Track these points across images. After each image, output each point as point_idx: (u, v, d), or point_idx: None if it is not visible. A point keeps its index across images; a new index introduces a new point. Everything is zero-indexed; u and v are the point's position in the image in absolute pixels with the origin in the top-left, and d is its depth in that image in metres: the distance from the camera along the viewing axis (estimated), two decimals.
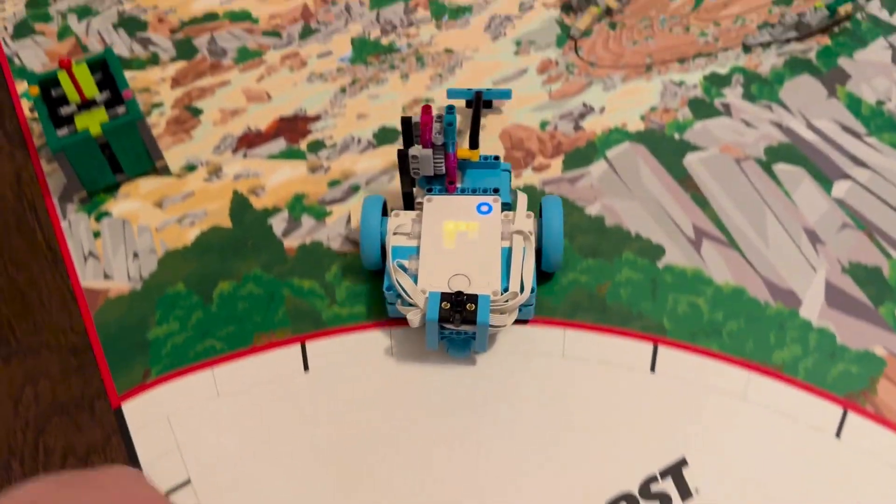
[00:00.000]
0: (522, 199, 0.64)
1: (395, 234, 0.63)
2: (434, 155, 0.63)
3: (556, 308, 0.63)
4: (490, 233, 0.62)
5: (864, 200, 0.69)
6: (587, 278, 0.65)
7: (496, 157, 0.68)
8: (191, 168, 0.74)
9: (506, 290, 0.59)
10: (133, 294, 0.65)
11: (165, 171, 0.73)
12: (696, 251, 0.66)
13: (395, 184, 0.70)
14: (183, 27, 0.86)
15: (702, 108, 0.76)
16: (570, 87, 0.79)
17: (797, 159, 0.71)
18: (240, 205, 0.71)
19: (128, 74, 0.81)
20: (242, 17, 0.87)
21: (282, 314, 0.64)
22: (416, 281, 0.60)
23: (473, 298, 0.57)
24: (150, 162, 0.72)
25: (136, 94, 0.79)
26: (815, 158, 0.71)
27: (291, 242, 0.68)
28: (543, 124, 0.75)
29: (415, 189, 0.66)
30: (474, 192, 0.65)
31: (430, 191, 0.65)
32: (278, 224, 0.69)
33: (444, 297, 0.57)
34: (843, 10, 0.80)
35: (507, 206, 0.65)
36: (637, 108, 0.76)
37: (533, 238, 0.62)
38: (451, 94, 0.78)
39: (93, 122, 0.69)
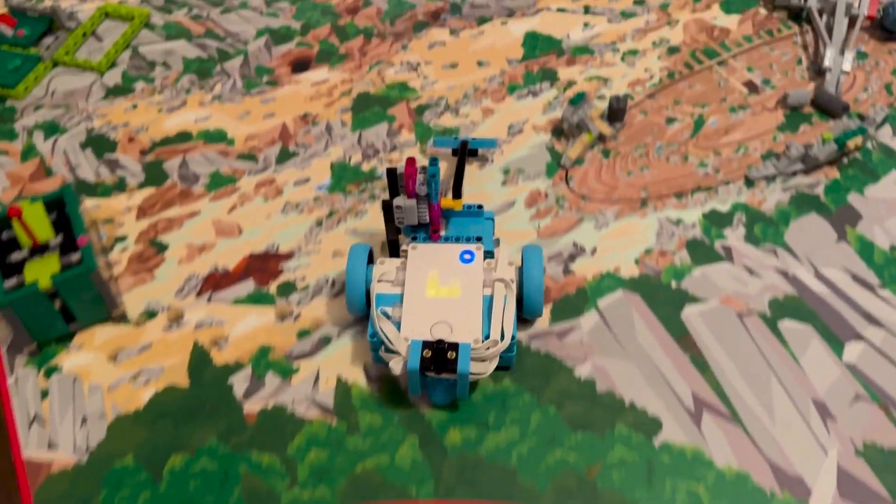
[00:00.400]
0: (504, 248, 0.67)
1: (379, 281, 0.64)
2: (418, 205, 0.65)
3: (541, 495, 0.57)
4: (472, 281, 0.64)
5: (878, 367, 0.63)
6: (576, 457, 0.58)
7: (479, 206, 0.71)
8: (150, 315, 0.68)
9: (487, 337, 0.61)
10: (78, 469, 0.59)
11: (123, 318, 0.69)
12: (695, 426, 0.60)
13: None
14: (154, 148, 0.81)
15: (701, 252, 0.71)
16: (560, 223, 0.74)
17: (805, 315, 0.66)
18: (199, 360, 0.66)
19: (92, 202, 0.77)
20: (218, 137, 0.82)
21: (237, 495, 0.58)
22: (399, 328, 0.62)
23: (454, 347, 0.59)
24: (104, 311, 0.67)
25: (100, 226, 0.75)
26: (824, 315, 0.65)
27: (252, 406, 0.62)
28: None
29: (400, 236, 0.68)
30: (458, 240, 0.67)
31: (414, 238, 0.67)
32: (239, 383, 0.64)
33: (426, 345, 0.60)
34: (853, 143, 0.75)
35: (490, 254, 0.67)
36: (631, 250, 0.70)
37: (514, 286, 0.64)
38: (438, 142, 0.81)
39: (43, 273, 0.64)
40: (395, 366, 0.60)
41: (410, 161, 0.64)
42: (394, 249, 0.69)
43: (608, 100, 0.80)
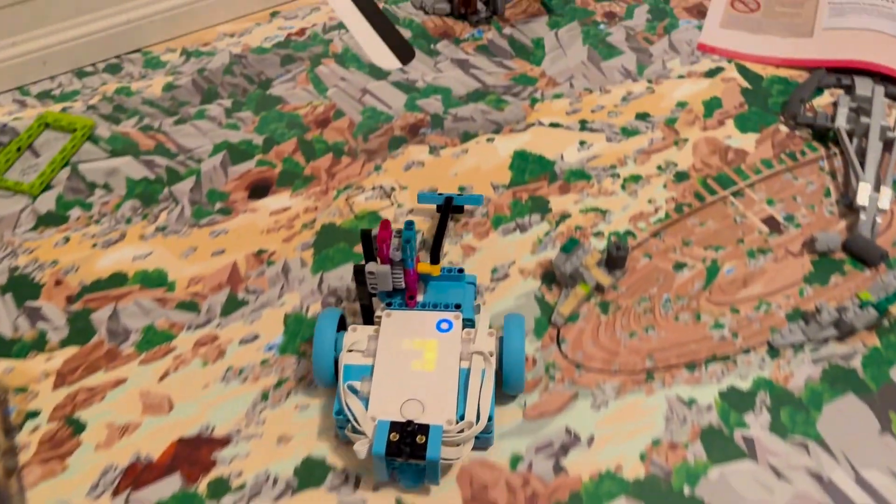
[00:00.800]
0: (485, 315, 0.62)
1: (350, 350, 0.60)
2: (392, 270, 0.61)
3: None
4: (448, 353, 0.59)
5: None
6: None
7: (460, 270, 0.65)
8: None
9: (462, 417, 0.57)
10: None
11: None
12: None
13: None
14: (82, 294, 0.70)
15: (719, 445, 0.59)
16: (551, 400, 0.62)
17: None
18: None
19: (5, 364, 0.65)
20: (156, 280, 0.71)
21: None
22: (367, 405, 0.57)
23: (425, 429, 0.55)
24: None
25: (11, 396, 0.64)
26: None
27: None
28: (515, 460, 0.59)
29: (374, 299, 0.64)
30: (435, 307, 0.63)
31: (389, 304, 0.63)
32: None
33: (394, 426, 0.55)
34: None
35: (470, 323, 0.62)
36: (636, 441, 0.59)
37: (493, 359, 0.59)
38: (422, 198, 0.76)
39: None
40: (360, 448, 0.55)
41: (385, 224, 0.60)
42: (367, 316, 0.64)
43: (606, 244, 0.70)
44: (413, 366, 0.58)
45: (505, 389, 0.61)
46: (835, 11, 0.91)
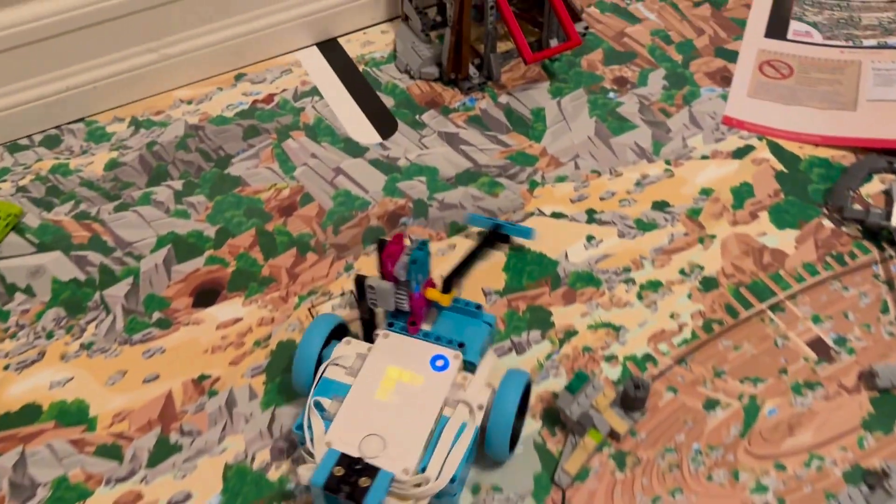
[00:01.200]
0: (488, 363, 0.56)
1: (334, 364, 0.56)
2: (397, 290, 0.56)
3: None
4: (432, 394, 0.53)
5: None
6: None
7: (478, 306, 0.59)
8: None
9: (423, 470, 0.50)
10: None
11: None
12: None
13: None
14: None
15: None
16: None
17: None
18: None
19: None
20: (75, 415, 0.58)
21: None
22: (327, 428, 0.52)
23: (373, 472, 0.49)
24: None
25: None
26: None
27: None
28: None
29: (377, 313, 0.59)
30: (437, 339, 0.57)
31: (391, 325, 0.58)
32: None
33: (343, 459, 0.50)
34: None
35: (471, 367, 0.56)
36: None
37: (481, 414, 0.53)
38: (473, 220, 0.71)
39: None
40: (303, 474, 0.50)
41: (397, 238, 0.56)
42: (367, 331, 0.59)
43: (620, 377, 0.58)
44: (389, 398, 0.53)
45: (488, 451, 0.54)
46: (881, 80, 0.80)
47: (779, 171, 0.74)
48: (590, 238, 0.69)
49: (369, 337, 0.59)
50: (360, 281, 0.56)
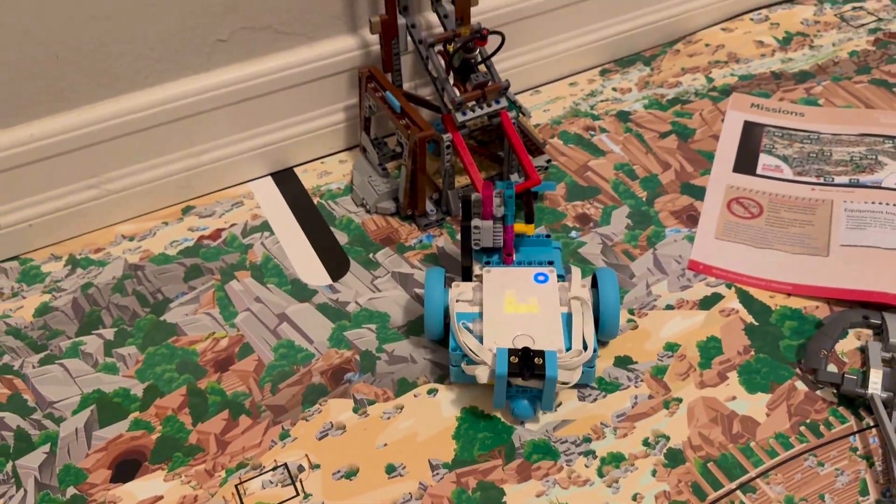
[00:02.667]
0: (576, 270, 0.67)
1: (457, 301, 0.66)
2: (494, 226, 0.67)
3: None
4: (549, 299, 0.65)
5: None
6: None
7: (548, 235, 0.72)
8: None
9: (569, 349, 0.62)
10: None
11: None
12: None
13: None
14: None
15: None
16: None
17: None
18: None
19: None
20: None
21: None
22: (481, 341, 0.63)
23: (540, 354, 0.60)
24: None
25: None
26: None
27: None
28: None
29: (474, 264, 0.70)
30: (530, 264, 0.69)
31: (487, 263, 0.69)
32: None
33: (512, 352, 0.60)
34: None
35: (562, 278, 0.68)
36: None
37: (590, 304, 0.65)
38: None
39: None
40: (482, 374, 0.60)
41: (487, 184, 0.67)
42: (467, 275, 0.70)
43: None
44: (518, 309, 0.64)
45: (601, 336, 0.66)
46: (853, 223, 0.76)
47: (748, 323, 0.69)
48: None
49: (468, 278, 0.69)
50: (465, 227, 0.66)
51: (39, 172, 0.74)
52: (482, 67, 0.77)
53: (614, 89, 0.94)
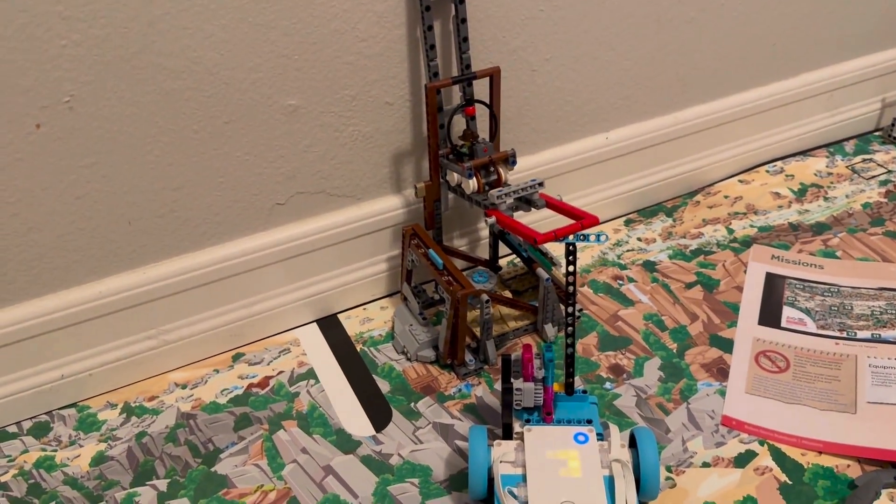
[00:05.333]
0: (615, 429, 0.69)
1: (501, 462, 0.67)
2: (535, 388, 0.70)
3: None
4: (591, 462, 0.66)
5: None
6: None
7: (584, 391, 0.74)
8: None
9: None
10: None
11: None
12: None
13: None
14: None
15: None
16: None
17: None
18: None
19: None
20: None
21: None
22: None
23: None
24: None
25: None
26: None
27: None
28: None
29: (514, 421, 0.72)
30: (569, 422, 0.71)
31: (528, 421, 0.71)
32: None
33: None
34: None
35: (600, 437, 0.70)
36: None
37: (630, 467, 0.66)
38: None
39: None
40: None
41: (527, 347, 0.71)
42: (507, 432, 0.71)
43: None
44: (561, 473, 0.66)
45: (641, 496, 0.67)
46: (879, 379, 0.79)
47: (783, 482, 0.71)
48: None
49: (509, 436, 0.71)
50: (507, 388, 0.69)
51: (103, 325, 0.80)
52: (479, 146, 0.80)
53: (639, 239, 1.00)
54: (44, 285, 0.75)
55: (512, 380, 0.71)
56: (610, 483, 0.65)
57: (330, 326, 0.91)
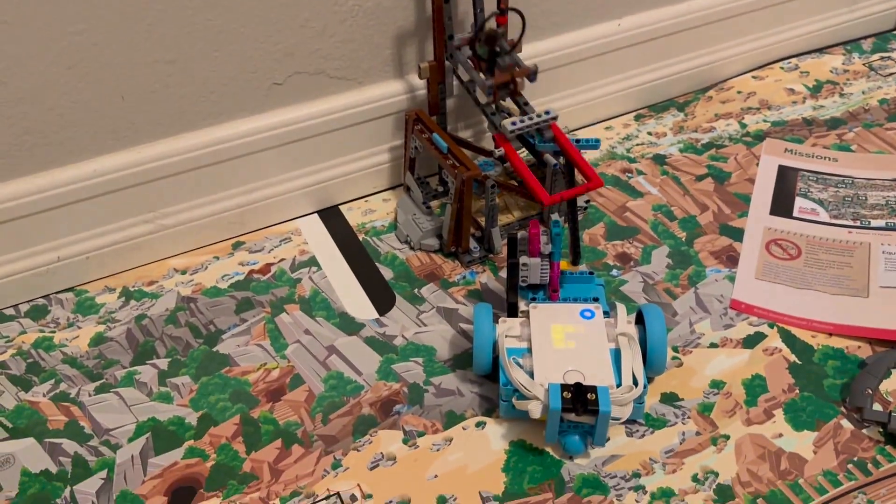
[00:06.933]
0: (621, 307, 0.68)
1: (506, 336, 0.67)
2: (541, 263, 0.69)
3: None
4: (597, 335, 0.66)
5: None
6: None
7: (591, 272, 0.73)
8: None
9: (619, 385, 0.63)
10: None
11: None
12: None
13: None
14: None
15: None
16: None
17: None
18: None
19: None
20: None
21: None
22: (532, 376, 0.64)
23: (593, 389, 0.61)
24: None
25: None
26: None
27: None
28: None
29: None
30: (576, 300, 0.70)
31: (533, 299, 0.71)
32: None
33: (564, 388, 0.61)
34: None
35: (607, 314, 0.69)
36: None
37: (637, 340, 0.66)
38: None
39: None
40: (535, 409, 0.61)
41: (534, 223, 0.69)
42: (513, 311, 0.70)
43: None
44: (566, 345, 0.65)
45: (648, 371, 0.66)
46: (892, 265, 0.77)
47: (792, 362, 0.70)
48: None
49: (514, 314, 0.70)
50: (513, 264, 0.68)
51: (99, 207, 0.78)
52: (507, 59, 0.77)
53: (649, 133, 0.97)
54: (37, 162, 0.73)
55: (518, 256, 0.70)
56: (616, 355, 0.65)
57: (331, 217, 0.89)
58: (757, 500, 0.60)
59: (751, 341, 0.72)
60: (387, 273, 0.82)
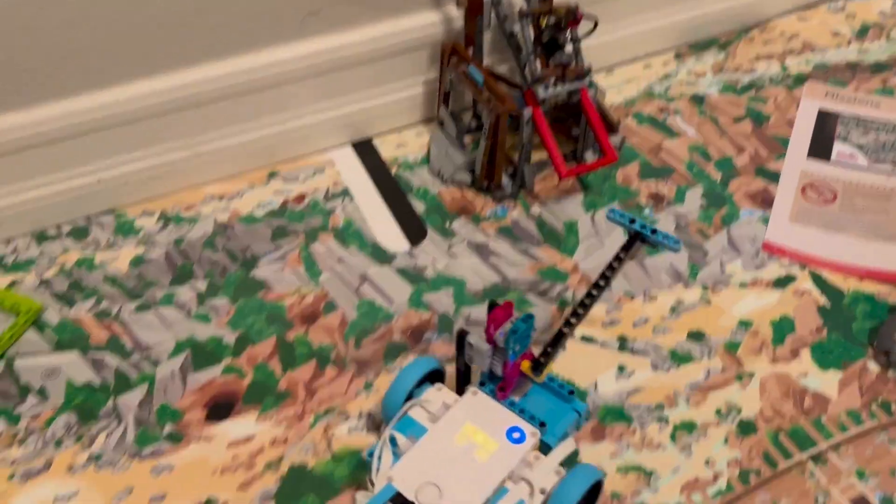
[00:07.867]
0: (564, 449, 0.57)
1: (420, 406, 0.59)
2: (494, 354, 0.59)
3: None
4: (499, 462, 0.55)
5: None
6: None
7: (571, 391, 0.61)
8: None
9: None
10: None
11: None
12: None
13: None
14: None
15: None
16: None
17: None
18: None
19: None
20: None
21: None
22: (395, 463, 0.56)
23: None
24: None
25: None
26: None
27: None
28: None
29: (473, 368, 0.62)
30: (521, 412, 0.59)
31: (482, 384, 0.61)
32: None
33: (398, 498, 0.53)
34: None
35: (547, 448, 0.57)
36: None
37: (540, 499, 0.54)
38: (613, 215, 0.77)
39: None
40: (361, 500, 0.55)
41: (507, 305, 0.58)
42: (460, 384, 0.62)
43: None
44: (459, 453, 0.55)
45: None
46: None
47: (821, 305, 0.70)
48: (621, 368, 0.66)
49: (461, 389, 0.61)
50: (461, 335, 0.59)
51: (137, 131, 0.78)
52: (568, 48, 0.79)
53: (689, 72, 0.96)
54: (78, 84, 0.74)
55: (469, 332, 0.59)
56: (503, 497, 0.54)
57: (364, 150, 0.89)
58: (779, 434, 0.61)
59: (781, 283, 0.72)
60: (418, 206, 0.82)
